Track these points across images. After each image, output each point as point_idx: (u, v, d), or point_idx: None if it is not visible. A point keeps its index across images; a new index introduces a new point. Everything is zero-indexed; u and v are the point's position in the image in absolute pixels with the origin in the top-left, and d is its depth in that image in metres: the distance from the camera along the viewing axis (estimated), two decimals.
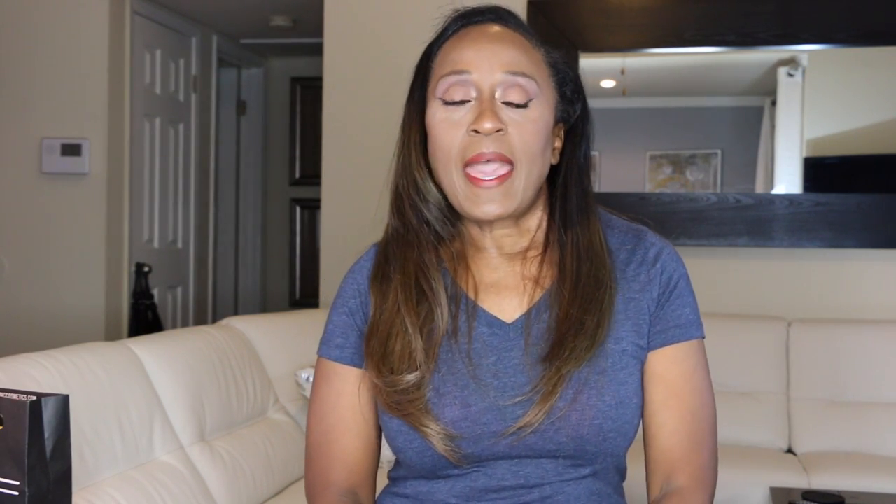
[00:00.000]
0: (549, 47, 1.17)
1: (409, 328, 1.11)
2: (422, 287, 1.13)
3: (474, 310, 1.14)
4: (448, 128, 1.09)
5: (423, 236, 1.15)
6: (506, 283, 1.16)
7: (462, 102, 1.09)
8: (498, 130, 1.07)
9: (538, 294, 1.14)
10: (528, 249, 1.17)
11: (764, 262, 3.55)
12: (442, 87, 1.10)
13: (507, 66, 1.09)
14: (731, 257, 3.58)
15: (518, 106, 1.09)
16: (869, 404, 3.15)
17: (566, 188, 1.16)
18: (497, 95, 1.09)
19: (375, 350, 1.12)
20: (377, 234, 1.23)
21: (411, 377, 1.09)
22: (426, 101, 1.13)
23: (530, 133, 1.09)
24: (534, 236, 1.17)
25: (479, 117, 1.07)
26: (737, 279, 3.57)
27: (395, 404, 1.09)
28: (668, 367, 1.13)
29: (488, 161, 1.07)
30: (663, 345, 1.13)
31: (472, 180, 1.08)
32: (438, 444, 1.07)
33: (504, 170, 1.08)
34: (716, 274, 3.58)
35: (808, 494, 2.34)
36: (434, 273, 1.13)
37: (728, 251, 3.57)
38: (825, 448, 3.08)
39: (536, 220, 1.17)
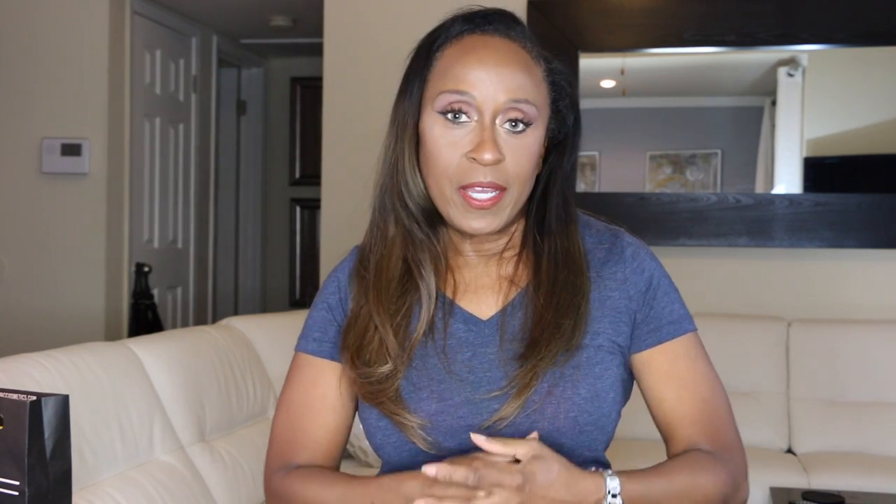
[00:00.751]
0: (549, 56, 1.16)
1: (384, 324, 1.12)
2: (402, 283, 1.14)
3: (451, 307, 1.15)
4: (445, 147, 1.08)
5: (411, 234, 1.15)
6: (482, 281, 1.17)
7: (461, 122, 1.08)
8: (496, 161, 1.07)
9: (513, 292, 1.15)
10: (504, 249, 1.18)
11: (764, 262, 3.55)
12: (442, 101, 1.09)
13: (511, 91, 1.07)
14: (731, 257, 3.58)
15: (515, 131, 1.08)
16: (869, 404, 3.15)
17: (546, 196, 1.17)
18: (497, 121, 1.08)
19: (351, 343, 1.14)
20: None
21: (384, 369, 1.11)
22: (422, 105, 1.12)
23: (524, 158, 1.09)
24: (511, 237, 1.18)
25: (479, 146, 1.06)
26: (737, 279, 3.57)
27: (369, 394, 1.12)
28: (671, 362, 1.14)
29: (483, 189, 1.07)
30: (660, 342, 1.14)
31: (468, 200, 1.08)
32: (414, 434, 1.09)
33: (496, 194, 1.08)
34: (716, 274, 3.58)
35: (808, 494, 2.34)
36: (426, 270, 1.14)
37: (728, 251, 3.57)
38: (825, 448, 3.08)
39: (514, 223, 1.18)
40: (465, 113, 1.08)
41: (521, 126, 1.08)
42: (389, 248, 1.16)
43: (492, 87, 1.07)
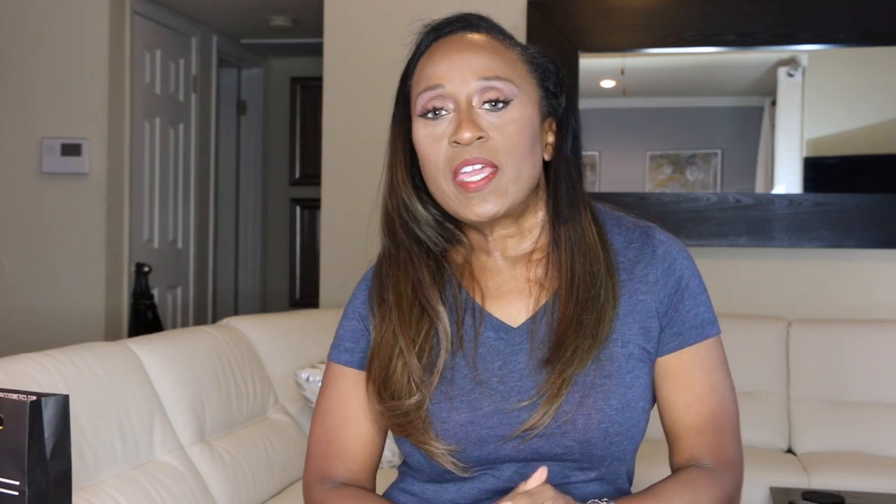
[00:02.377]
0: (526, 44, 1.16)
1: (406, 350, 1.11)
2: (420, 305, 1.13)
3: (481, 315, 1.14)
4: (431, 143, 1.09)
5: (416, 255, 1.15)
6: (510, 286, 1.15)
7: (441, 116, 1.09)
8: (479, 138, 1.07)
9: (544, 297, 1.13)
10: (532, 252, 1.16)
11: (764, 262, 3.55)
12: (420, 103, 1.10)
13: (479, 72, 1.08)
14: (731, 257, 3.58)
15: (496, 110, 1.08)
16: (869, 404, 3.15)
17: (556, 183, 1.16)
18: (474, 103, 1.09)
19: (377, 375, 1.13)
20: (375, 236, 1.23)
21: (412, 401, 1.09)
22: (409, 121, 1.13)
23: (513, 134, 1.08)
24: (537, 239, 1.17)
25: (457, 128, 1.07)
26: (737, 279, 3.57)
27: (398, 426, 1.11)
28: (688, 371, 1.13)
29: (473, 167, 1.07)
30: (681, 347, 1.13)
31: (462, 185, 1.08)
32: (443, 459, 1.08)
33: (490, 171, 1.07)
34: (716, 274, 3.56)
35: (808, 494, 2.34)
36: (430, 290, 1.13)
37: (728, 251, 3.57)
38: (825, 448, 3.08)
39: (537, 221, 1.17)
40: (442, 108, 1.09)
41: (500, 104, 1.08)
42: (402, 271, 1.15)
43: (459, 73, 1.09)
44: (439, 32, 1.14)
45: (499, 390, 1.09)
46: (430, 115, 1.10)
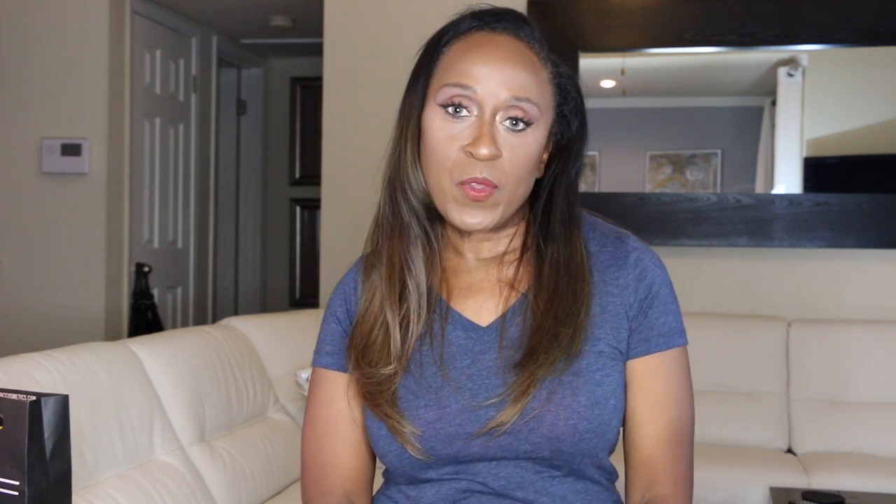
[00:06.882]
0: (557, 59, 1.15)
1: (389, 321, 1.12)
2: (404, 281, 1.14)
3: (447, 313, 1.15)
4: (444, 140, 1.08)
5: (411, 229, 1.15)
6: (480, 286, 1.16)
7: (461, 116, 1.08)
8: (492, 157, 1.06)
9: (513, 298, 1.14)
10: (504, 253, 1.17)
11: (764, 262, 3.55)
12: (444, 95, 1.08)
13: (513, 89, 1.07)
14: (731, 257, 3.58)
15: (515, 130, 1.08)
16: (869, 404, 3.15)
17: (551, 202, 1.16)
18: (498, 118, 1.07)
19: (358, 341, 1.14)
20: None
21: (387, 370, 1.11)
22: (426, 98, 1.12)
23: (522, 158, 1.08)
24: (511, 241, 1.18)
25: (476, 140, 1.06)
26: (737, 279, 3.57)
27: (369, 394, 1.12)
28: (651, 377, 1.13)
29: (478, 185, 1.07)
30: (647, 353, 1.13)
31: (465, 189, 1.07)
32: (407, 441, 1.09)
33: (490, 189, 1.07)
34: (716, 274, 3.58)
35: (808, 494, 2.34)
36: (416, 267, 1.14)
37: (728, 251, 3.57)
38: (825, 448, 3.08)
39: (514, 227, 1.18)
40: (465, 107, 1.08)
41: (521, 125, 1.07)
42: (397, 240, 1.15)
43: (494, 83, 1.07)
44: (483, 22, 1.12)
45: (467, 388, 1.10)
46: (449, 110, 1.08)
